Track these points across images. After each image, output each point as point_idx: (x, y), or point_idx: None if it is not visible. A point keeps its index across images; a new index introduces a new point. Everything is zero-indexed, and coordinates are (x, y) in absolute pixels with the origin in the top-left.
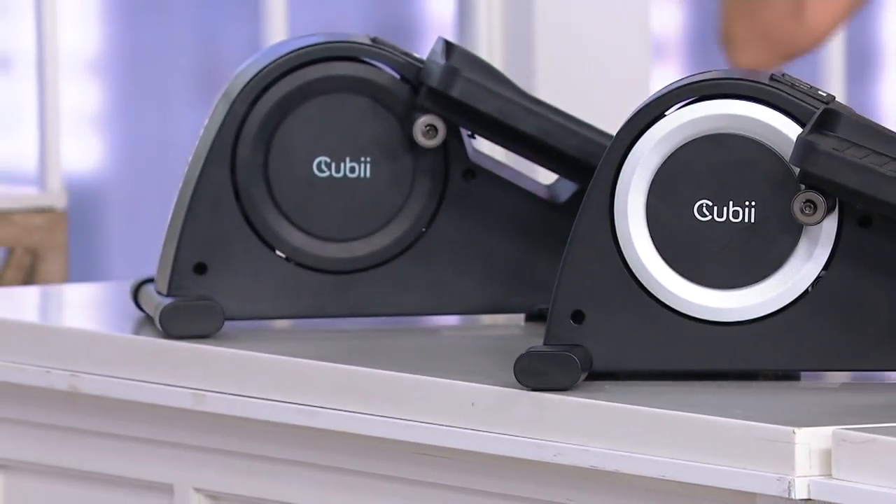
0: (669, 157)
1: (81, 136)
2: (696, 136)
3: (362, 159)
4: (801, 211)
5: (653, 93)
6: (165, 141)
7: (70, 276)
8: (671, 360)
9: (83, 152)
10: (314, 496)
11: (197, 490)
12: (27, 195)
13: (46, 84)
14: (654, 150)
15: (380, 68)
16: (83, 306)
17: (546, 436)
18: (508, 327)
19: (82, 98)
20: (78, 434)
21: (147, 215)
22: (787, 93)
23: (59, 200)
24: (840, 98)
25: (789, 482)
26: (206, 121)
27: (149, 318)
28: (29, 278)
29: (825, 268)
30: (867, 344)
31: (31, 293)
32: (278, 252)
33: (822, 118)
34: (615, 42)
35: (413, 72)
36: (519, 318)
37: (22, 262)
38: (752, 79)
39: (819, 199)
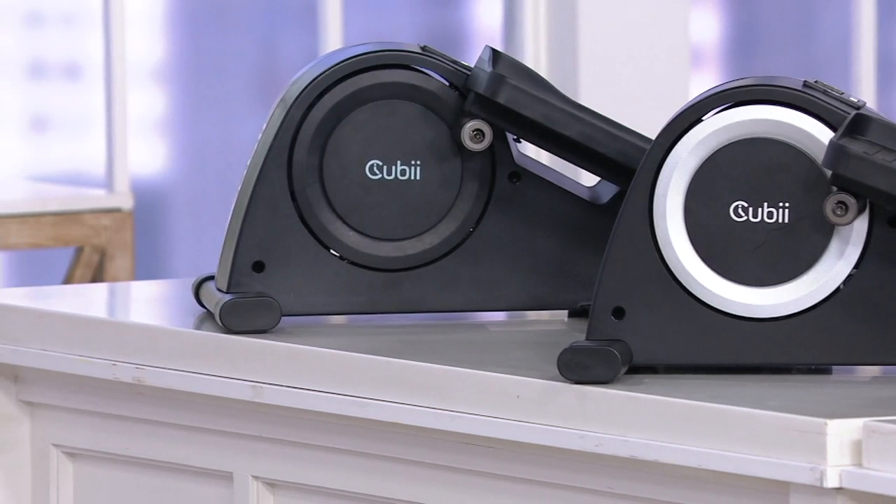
0: (706, 160)
1: (147, 140)
2: (732, 140)
3: (413, 162)
4: (833, 212)
5: (691, 98)
6: (226, 145)
7: (136, 274)
8: (708, 355)
9: (149, 156)
10: (366, 483)
11: (255, 478)
12: (95, 196)
13: (114, 91)
14: (692, 154)
15: (429, 75)
16: (148, 303)
17: (588, 427)
18: (552, 323)
19: (148, 104)
20: (142, 424)
21: (209, 216)
22: (819, 98)
23: (125, 202)
24: (870, 104)
25: (821, 472)
26: (264, 125)
27: (210, 314)
28: (97, 276)
29: (856, 266)
30: None
31: (98, 290)
32: (332, 251)
33: (854, 123)
34: (656, 50)
35: (461, 79)
36: (562, 314)
37: (90, 260)
38: (785, 85)
39: (850, 201)
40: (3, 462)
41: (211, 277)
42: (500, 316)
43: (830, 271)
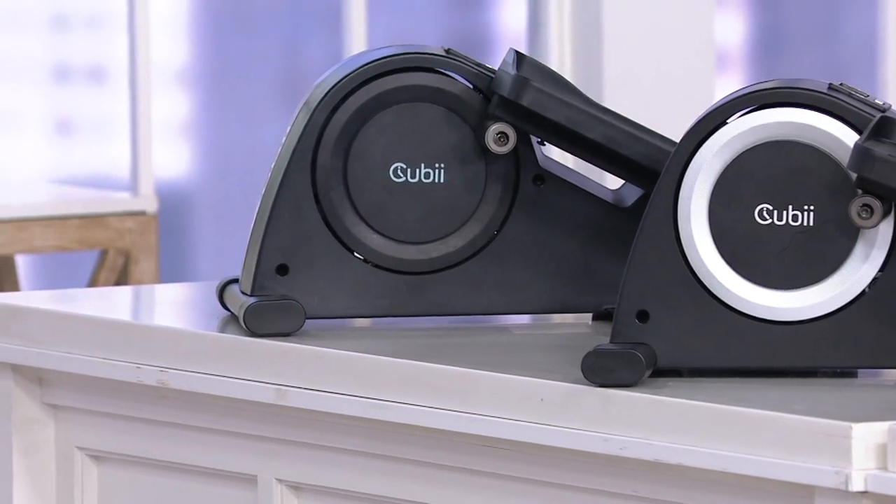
0: (731, 163)
1: (171, 143)
2: (757, 143)
3: (437, 165)
4: (858, 215)
5: (716, 100)
6: (250, 148)
7: (160, 277)
8: (732, 358)
9: (173, 159)
10: (389, 486)
11: (279, 481)
12: (120, 199)
13: (139, 94)
14: (717, 157)
15: (453, 78)
16: (172, 305)
17: (612, 430)
18: (576, 326)
19: (172, 108)
20: (166, 427)
21: (233, 218)
22: (844, 101)
23: (150, 205)
24: None
25: (846, 475)
26: (288, 128)
27: (234, 317)
28: (121, 279)
29: (881, 269)
30: None
31: (123, 293)
32: (356, 254)
33: (879, 125)
34: (680, 52)
35: (485, 82)
36: (586, 317)
37: (115, 263)
38: (810, 88)
39: (876, 204)
40: (28, 465)
41: (235, 280)
42: (523, 319)
43: (855, 274)
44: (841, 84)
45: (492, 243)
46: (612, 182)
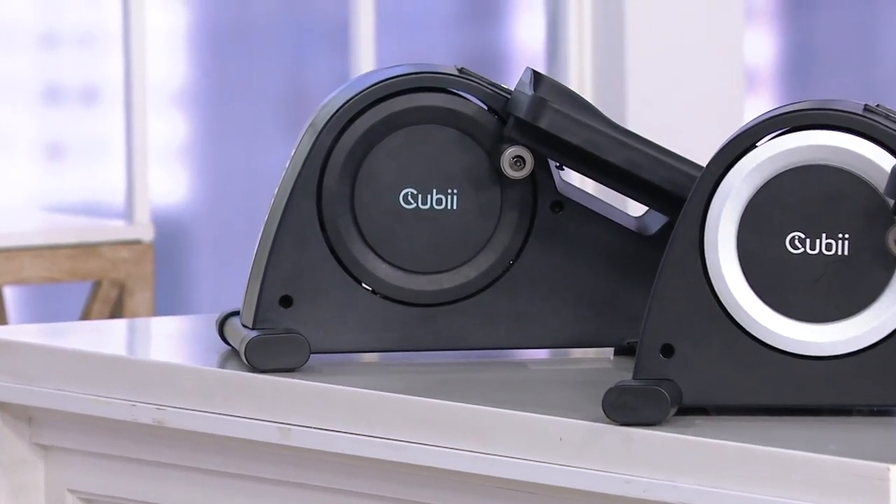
0: (761, 188)
1: (168, 168)
2: (788, 168)
3: (449, 191)
4: None
5: (745, 123)
6: (252, 172)
7: (156, 310)
8: (763, 395)
9: (170, 185)
10: None
11: None
12: (114, 228)
13: (134, 116)
14: (745, 182)
15: (467, 99)
16: (169, 339)
17: (635, 471)
18: (597, 361)
19: (169, 130)
20: (163, 468)
21: (234, 247)
22: (881, 123)
23: (146, 233)
24: None
25: None
26: (293, 152)
27: (234, 352)
28: (116, 311)
29: None
30: None
31: (117, 326)
32: (364, 284)
33: None
34: (708, 72)
35: (500, 103)
36: (608, 351)
37: (108, 295)
38: (845, 109)
39: None
40: None
41: (236, 313)
42: (541, 353)
43: (893, 306)
44: (877, 105)
45: (507, 274)
46: (635, 209)
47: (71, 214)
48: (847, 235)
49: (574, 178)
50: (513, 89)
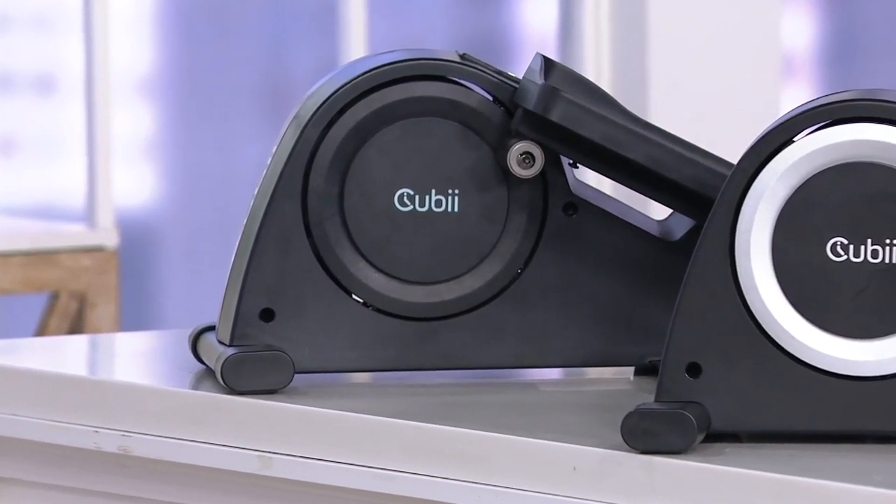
0: (798, 188)
1: (134, 166)
2: (829, 166)
3: (450, 192)
4: None
5: (781, 115)
6: (228, 171)
7: (122, 324)
8: (800, 420)
9: (136, 184)
10: None
11: None
12: (74, 233)
13: (96, 108)
14: (781, 182)
15: (469, 89)
16: (136, 358)
17: None
18: (615, 382)
19: (134, 123)
20: (129, 501)
21: (207, 255)
22: None
23: (109, 238)
24: None
25: None
26: (275, 148)
27: (209, 371)
28: (75, 326)
29: None
30: None
31: (77, 343)
32: (355, 296)
33: None
34: (740, 58)
35: (507, 93)
36: (627, 371)
37: (68, 308)
38: (892, 100)
39: None
40: None
41: (211, 328)
42: (553, 373)
43: None
44: None
45: (515, 284)
46: (658, 211)
47: (25, 218)
48: (895, 241)
49: (589, 177)
50: (521, 78)
